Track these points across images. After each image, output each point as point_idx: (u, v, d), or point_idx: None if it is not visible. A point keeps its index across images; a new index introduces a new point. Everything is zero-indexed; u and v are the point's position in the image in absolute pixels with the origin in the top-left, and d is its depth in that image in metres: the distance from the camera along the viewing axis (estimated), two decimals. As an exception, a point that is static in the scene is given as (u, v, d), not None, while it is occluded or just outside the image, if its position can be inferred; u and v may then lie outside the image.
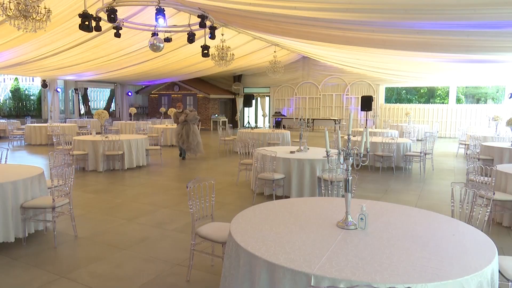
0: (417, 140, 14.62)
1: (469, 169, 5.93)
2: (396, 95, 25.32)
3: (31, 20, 6.11)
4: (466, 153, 10.43)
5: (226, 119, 22.38)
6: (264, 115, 15.89)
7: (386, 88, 20.80)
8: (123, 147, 8.79)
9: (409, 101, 24.90)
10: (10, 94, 20.35)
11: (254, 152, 6.72)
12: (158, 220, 5.19)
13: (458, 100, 19.82)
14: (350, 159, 2.64)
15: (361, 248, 2.30)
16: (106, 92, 24.66)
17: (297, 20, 7.42)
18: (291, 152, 6.68)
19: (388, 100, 21.94)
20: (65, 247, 4.20)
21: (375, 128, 17.53)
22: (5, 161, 6.07)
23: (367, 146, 2.67)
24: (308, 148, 7.02)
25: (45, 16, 6.19)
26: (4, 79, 19.97)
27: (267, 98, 23.34)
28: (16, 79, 20.38)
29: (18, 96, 20.60)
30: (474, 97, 23.44)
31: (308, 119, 19.16)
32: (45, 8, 6.15)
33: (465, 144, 11.64)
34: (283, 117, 21.61)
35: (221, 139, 12.60)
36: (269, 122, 22.59)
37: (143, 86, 24.23)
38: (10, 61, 13.61)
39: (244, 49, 14.67)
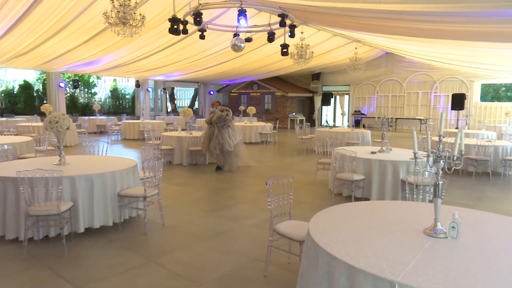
0: (520, 143, 12.96)
1: None
2: (493, 92, 22.78)
3: (129, 26, 6.75)
4: None
5: (304, 118, 22.25)
6: (343, 114, 15.48)
7: (482, 84, 18.80)
8: (205, 143, 9.25)
9: (510, 99, 22.20)
10: (109, 93, 22.74)
11: (333, 152, 6.58)
12: (236, 215, 5.37)
13: None
14: (441, 162, 2.44)
15: (452, 258, 2.11)
16: (191, 91, 26.19)
17: (381, 15, 7.07)
18: (372, 152, 6.40)
19: (484, 98, 19.83)
20: (153, 234, 4.57)
21: (468, 129, 15.97)
22: (105, 153, 6.79)
23: (461, 148, 2.44)
24: (390, 149, 6.66)
25: (140, 22, 6.78)
26: (104, 80, 22.39)
27: (346, 96, 22.67)
28: (115, 80, 22.70)
29: (116, 95, 22.93)
30: None
31: (390, 118, 18.20)
32: (140, 14, 6.73)
33: None
34: (363, 116, 20.80)
35: (298, 138, 12.57)
36: (348, 121, 21.94)
37: (224, 85, 25.22)
38: (110, 64, 15.19)
39: (323, 47, 14.44)
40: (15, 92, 19.08)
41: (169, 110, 23.88)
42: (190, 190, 6.90)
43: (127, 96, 23.37)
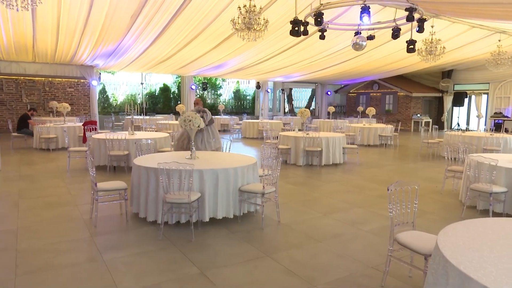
0: None
1: None
2: None
3: (253, 31, 7.12)
4: None
5: (430, 120, 20.29)
6: (479, 116, 13.58)
7: None
8: (321, 144, 9.20)
9: None
10: (232, 94, 24.45)
11: (466, 159, 5.84)
12: (352, 219, 5.20)
13: None
14: None
15: None
16: (308, 92, 26.33)
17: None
18: (518, 161, 5.47)
19: None
20: (269, 230, 4.74)
21: None
22: (228, 150, 7.31)
23: None
24: (544, 159, 5.60)
25: (263, 26, 7.10)
26: (228, 82, 24.16)
27: (484, 96, 19.87)
28: (238, 82, 24.30)
29: (238, 96, 24.51)
30: None
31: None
32: (264, 19, 7.05)
33: None
34: (506, 118, 17.93)
35: (423, 141, 11.54)
36: (485, 124, 19.19)
37: (342, 85, 24.64)
38: (234, 67, 16.31)
39: (457, 41, 12.92)
40: (156, 94, 22.03)
41: (286, 110, 24.47)
42: (305, 190, 6.95)
43: (248, 97, 24.76)
